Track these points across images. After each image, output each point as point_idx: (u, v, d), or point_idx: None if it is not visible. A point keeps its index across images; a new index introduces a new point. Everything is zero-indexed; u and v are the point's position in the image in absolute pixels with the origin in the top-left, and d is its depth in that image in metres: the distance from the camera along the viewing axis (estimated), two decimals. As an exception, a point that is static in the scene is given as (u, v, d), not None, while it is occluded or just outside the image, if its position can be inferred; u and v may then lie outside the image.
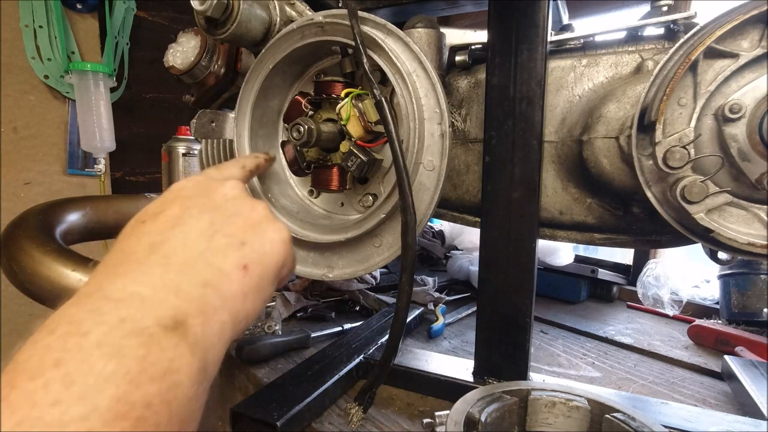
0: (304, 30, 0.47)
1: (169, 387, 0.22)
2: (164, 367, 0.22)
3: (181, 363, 0.23)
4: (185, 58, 0.60)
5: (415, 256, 0.41)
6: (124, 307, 0.24)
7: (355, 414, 0.58)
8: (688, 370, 0.86)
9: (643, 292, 1.14)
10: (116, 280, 0.26)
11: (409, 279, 0.42)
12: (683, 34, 0.50)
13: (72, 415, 0.19)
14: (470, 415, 0.48)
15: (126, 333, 0.22)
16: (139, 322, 0.23)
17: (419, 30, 0.59)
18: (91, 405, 0.19)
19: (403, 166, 0.39)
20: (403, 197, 0.40)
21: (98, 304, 0.24)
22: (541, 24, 0.57)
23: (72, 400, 0.19)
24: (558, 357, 0.89)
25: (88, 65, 1.24)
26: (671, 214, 0.48)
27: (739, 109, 0.43)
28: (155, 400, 0.21)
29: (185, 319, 0.25)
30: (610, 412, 0.50)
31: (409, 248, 0.41)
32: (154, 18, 1.47)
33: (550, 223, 0.63)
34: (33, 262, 0.46)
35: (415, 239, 0.41)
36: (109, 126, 1.31)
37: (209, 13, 0.46)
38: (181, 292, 0.26)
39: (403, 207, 0.40)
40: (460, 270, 1.33)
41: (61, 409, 0.19)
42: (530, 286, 0.61)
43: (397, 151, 0.39)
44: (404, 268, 0.41)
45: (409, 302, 0.43)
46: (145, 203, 0.71)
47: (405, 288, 0.42)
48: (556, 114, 0.60)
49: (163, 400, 0.21)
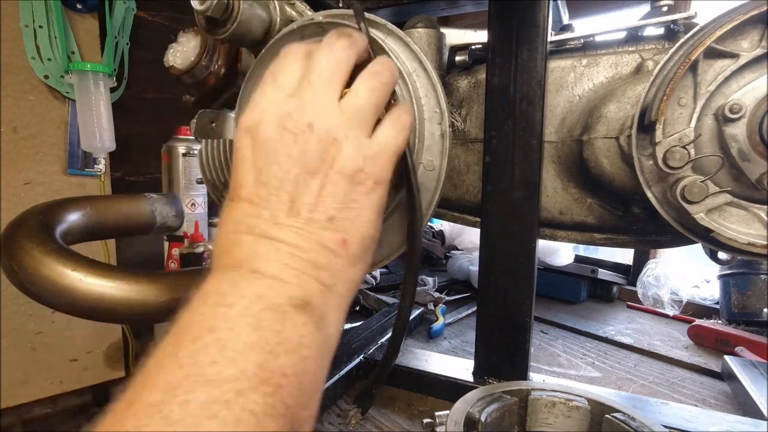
0: (304, 30, 0.47)
1: (300, 359, 0.25)
2: (296, 342, 0.25)
3: (310, 339, 0.26)
4: (185, 58, 0.60)
5: (421, 257, 0.41)
6: (258, 283, 0.27)
7: (353, 416, 0.58)
8: (688, 370, 0.86)
9: (643, 292, 1.14)
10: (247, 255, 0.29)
11: (413, 279, 0.41)
12: (683, 34, 0.50)
13: (226, 375, 0.22)
14: (470, 415, 0.48)
15: (263, 307, 0.25)
16: (273, 299, 0.26)
17: (419, 30, 0.59)
18: (240, 368, 0.22)
19: (411, 167, 0.39)
20: (410, 197, 0.40)
21: (236, 279, 0.27)
22: (542, 24, 0.57)
23: (225, 362, 0.22)
24: (558, 357, 0.89)
25: (88, 65, 1.24)
26: (671, 214, 0.48)
27: (739, 109, 0.43)
28: (289, 371, 0.24)
29: (310, 299, 0.28)
30: (610, 412, 0.50)
31: (416, 248, 0.41)
32: (154, 18, 1.47)
33: (551, 223, 0.63)
34: (33, 261, 0.46)
35: (422, 239, 0.41)
36: (109, 126, 1.30)
37: (209, 13, 0.46)
38: (302, 276, 0.28)
39: (410, 206, 0.40)
40: (460, 270, 1.33)
41: (217, 369, 0.22)
42: (530, 286, 0.61)
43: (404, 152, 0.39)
44: (409, 268, 0.41)
45: (412, 302, 0.43)
46: (145, 203, 0.72)
47: (409, 288, 0.41)
48: (556, 114, 0.60)
49: (294, 372, 0.24)
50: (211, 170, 0.71)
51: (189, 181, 1.26)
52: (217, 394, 0.21)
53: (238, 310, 0.25)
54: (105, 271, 0.49)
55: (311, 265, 0.29)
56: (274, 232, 0.29)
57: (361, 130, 0.32)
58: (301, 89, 0.32)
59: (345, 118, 0.32)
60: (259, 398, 0.22)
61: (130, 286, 0.48)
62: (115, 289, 0.47)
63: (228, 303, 0.25)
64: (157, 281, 0.51)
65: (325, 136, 0.31)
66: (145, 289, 0.49)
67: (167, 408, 0.21)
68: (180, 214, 0.74)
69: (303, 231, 0.30)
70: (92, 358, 1.38)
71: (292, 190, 0.30)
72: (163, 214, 0.71)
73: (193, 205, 1.25)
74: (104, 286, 0.47)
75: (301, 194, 0.30)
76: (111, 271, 0.49)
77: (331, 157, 0.31)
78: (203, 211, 1.29)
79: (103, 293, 0.47)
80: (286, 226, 0.30)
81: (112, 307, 0.48)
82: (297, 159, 0.30)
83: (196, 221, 1.23)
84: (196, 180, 1.22)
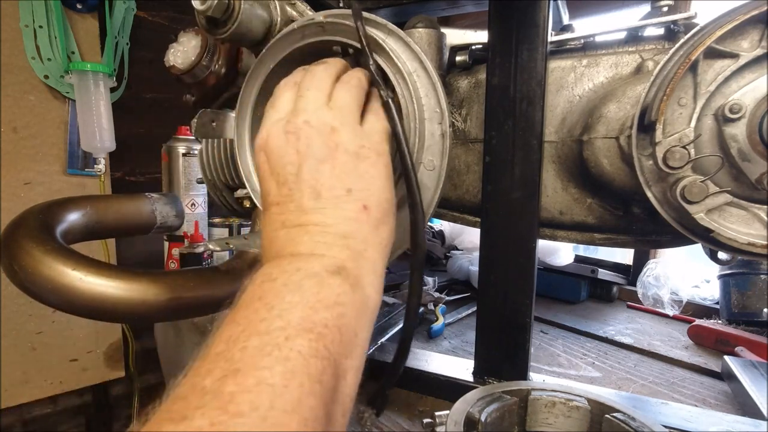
0: (305, 30, 0.47)
1: (339, 314, 0.29)
2: (333, 300, 0.29)
3: (346, 298, 0.30)
4: (186, 58, 0.60)
5: (425, 255, 0.42)
6: (296, 261, 0.32)
7: (368, 418, 0.59)
8: (688, 370, 0.86)
9: (643, 292, 1.14)
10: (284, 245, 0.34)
11: (419, 278, 0.42)
12: (683, 34, 0.50)
13: (274, 326, 0.26)
14: (470, 415, 0.48)
15: (302, 276, 0.30)
16: (311, 269, 0.31)
17: (420, 30, 0.59)
18: (286, 320, 0.27)
19: (411, 167, 0.40)
20: (412, 196, 0.40)
21: (278, 261, 0.32)
22: (542, 24, 0.57)
23: (273, 317, 0.27)
24: (558, 357, 0.89)
25: (88, 65, 1.24)
26: (671, 214, 0.48)
27: (739, 109, 0.43)
28: (330, 323, 0.28)
29: (344, 265, 0.32)
30: (610, 412, 0.50)
31: (419, 247, 0.41)
32: (154, 18, 1.47)
33: (551, 223, 0.63)
34: (33, 261, 0.46)
35: (425, 238, 0.41)
36: (109, 126, 1.30)
37: (210, 13, 0.46)
38: (332, 247, 0.33)
39: (411, 205, 0.40)
40: (460, 270, 1.33)
41: (267, 323, 0.27)
42: (530, 286, 0.61)
43: (404, 152, 0.39)
44: (414, 268, 0.41)
45: (419, 302, 0.43)
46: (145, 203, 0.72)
47: (415, 287, 0.42)
48: (556, 114, 0.60)
49: (334, 324, 0.28)
50: (212, 170, 0.71)
51: (189, 181, 1.26)
52: (268, 340, 0.25)
53: (281, 281, 0.30)
54: (105, 270, 0.49)
55: (339, 236, 0.33)
56: (303, 219, 0.34)
57: (352, 118, 0.38)
58: (295, 104, 0.38)
59: (336, 113, 0.37)
60: (304, 342, 0.26)
61: (131, 285, 0.48)
62: (116, 289, 0.47)
63: (272, 278, 0.30)
64: (157, 280, 0.51)
65: (323, 128, 0.36)
66: (146, 288, 0.49)
67: (229, 353, 0.25)
68: (180, 213, 0.74)
69: (327, 209, 0.34)
70: (92, 358, 1.38)
71: (309, 178, 0.35)
72: (164, 214, 0.71)
73: (193, 205, 1.25)
74: (104, 285, 0.47)
75: (318, 179, 0.35)
76: (111, 270, 0.49)
77: (333, 142, 0.36)
78: (203, 211, 1.29)
79: (104, 292, 0.47)
80: (312, 210, 0.34)
81: (112, 306, 0.48)
82: (305, 152, 0.35)
83: (196, 221, 1.23)
84: (196, 180, 1.22)
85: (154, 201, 0.70)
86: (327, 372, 0.26)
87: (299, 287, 0.29)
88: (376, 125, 0.39)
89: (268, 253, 0.35)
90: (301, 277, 0.30)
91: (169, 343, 1.07)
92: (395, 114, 0.40)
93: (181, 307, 0.52)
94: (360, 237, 0.34)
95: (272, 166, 0.36)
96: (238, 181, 0.69)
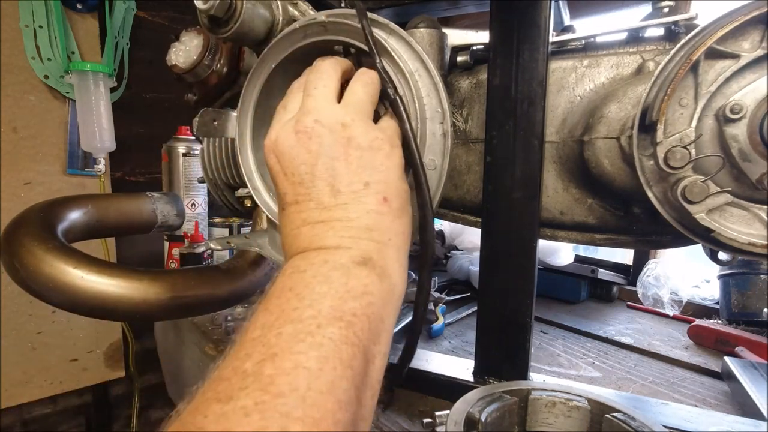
0: (307, 29, 0.47)
1: (367, 303, 0.30)
2: (361, 291, 0.30)
3: (373, 288, 0.31)
4: (188, 57, 0.60)
5: (434, 253, 0.42)
6: (323, 253, 0.33)
7: None
8: (688, 370, 0.86)
9: (643, 292, 1.14)
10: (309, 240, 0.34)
11: (428, 276, 0.42)
12: (684, 35, 0.50)
13: (307, 315, 0.28)
14: (470, 415, 0.48)
15: (330, 268, 0.31)
16: (338, 261, 0.32)
17: (421, 30, 0.60)
18: (317, 309, 0.28)
19: (420, 165, 0.40)
20: (421, 194, 0.40)
21: (305, 254, 0.33)
22: (543, 25, 0.57)
23: (304, 306, 0.28)
24: (558, 357, 0.89)
25: (88, 65, 1.24)
26: (672, 214, 0.48)
27: (739, 110, 0.43)
28: (358, 312, 0.29)
29: (370, 256, 0.33)
30: (610, 412, 0.50)
31: (428, 245, 0.41)
32: (154, 18, 1.47)
33: (551, 223, 0.63)
34: (35, 259, 0.46)
35: (434, 236, 0.42)
36: (109, 126, 1.30)
37: (212, 12, 0.46)
38: (358, 240, 0.33)
39: (421, 203, 0.40)
40: (460, 270, 1.33)
41: (299, 312, 0.28)
42: (530, 286, 0.61)
43: (413, 149, 0.40)
44: (423, 266, 0.41)
45: (428, 300, 0.43)
46: (146, 202, 0.72)
47: (425, 285, 0.42)
48: (557, 114, 0.60)
49: (363, 313, 0.29)
50: (213, 169, 0.71)
51: (189, 181, 1.26)
52: (301, 327, 0.27)
53: (311, 273, 0.31)
54: (106, 268, 0.49)
55: (363, 229, 0.34)
56: (325, 216, 0.35)
57: (364, 114, 0.38)
58: (304, 103, 0.38)
59: (348, 110, 0.37)
60: (335, 330, 0.27)
61: (132, 283, 0.48)
62: (116, 287, 0.47)
63: (302, 270, 0.31)
64: (158, 279, 0.51)
65: (334, 125, 0.36)
66: (147, 286, 0.49)
67: (265, 339, 0.27)
68: (181, 213, 0.74)
69: (348, 204, 0.35)
70: (92, 358, 1.38)
71: (325, 176, 0.35)
72: (164, 213, 0.71)
73: (193, 205, 1.25)
74: (105, 283, 0.47)
75: (335, 176, 0.35)
76: (112, 268, 0.49)
77: (345, 138, 0.36)
78: (203, 211, 1.29)
79: (105, 291, 0.47)
80: (333, 206, 0.35)
81: (112, 304, 0.48)
82: (318, 151, 0.36)
83: (196, 221, 1.23)
84: (197, 179, 1.22)
85: (155, 200, 0.70)
86: (357, 357, 0.27)
87: (327, 279, 0.30)
88: (390, 124, 0.40)
89: (292, 249, 0.35)
90: (329, 269, 0.31)
91: (169, 343, 1.07)
92: (404, 112, 0.40)
93: (181, 305, 0.52)
94: (383, 228, 0.35)
95: (284, 167, 0.36)
96: (239, 180, 0.69)
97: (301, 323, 0.27)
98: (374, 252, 0.33)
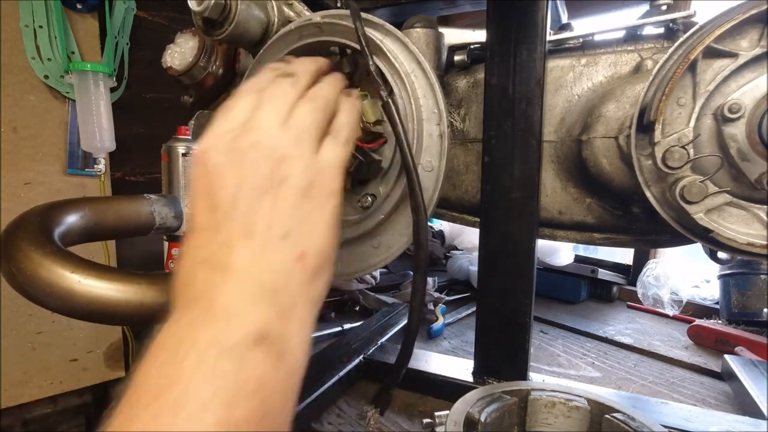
0: (302, 30, 0.47)
1: (262, 401, 0.25)
2: (254, 386, 0.25)
3: (270, 377, 0.26)
4: (183, 59, 0.60)
5: (428, 256, 0.42)
6: (212, 326, 0.26)
7: (372, 417, 0.59)
8: (688, 370, 0.86)
9: (643, 292, 1.14)
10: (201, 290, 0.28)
11: (423, 279, 0.42)
12: (682, 33, 0.49)
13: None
14: (470, 415, 0.48)
15: (218, 354, 0.25)
16: (228, 340, 0.26)
17: (418, 30, 0.59)
18: (199, 425, 0.23)
19: (413, 169, 0.39)
20: (414, 199, 0.40)
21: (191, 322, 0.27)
22: (540, 23, 0.57)
23: (184, 422, 0.23)
24: (558, 357, 0.89)
25: (88, 65, 1.24)
26: (670, 214, 0.48)
27: (738, 109, 0.43)
28: (251, 415, 0.24)
29: (267, 331, 0.27)
30: (610, 412, 0.50)
31: (422, 247, 0.41)
32: (154, 18, 1.47)
33: (550, 222, 0.63)
34: (32, 264, 0.45)
35: (428, 238, 0.41)
36: (109, 126, 1.30)
37: (207, 14, 0.46)
38: (257, 304, 0.28)
39: (414, 207, 0.40)
40: (459, 270, 1.33)
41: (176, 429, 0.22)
42: (530, 286, 0.61)
43: (406, 153, 0.39)
44: (417, 268, 0.41)
45: (423, 302, 0.43)
46: (144, 204, 0.71)
47: (419, 288, 0.41)
48: (555, 114, 0.60)
49: (257, 413, 0.25)
50: (210, 171, 0.71)
51: (189, 181, 1.25)
52: None
53: (192, 362, 0.25)
54: (104, 272, 0.48)
55: (267, 290, 0.28)
56: (228, 260, 0.29)
57: (308, 147, 0.33)
58: (251, 117, 0.33)
59: (291, 137, 0.33)
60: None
61: (129, 287, 0.48)
62: (114, 291, 0.47)
63: (179, 359, 0.25)
64: (156, 282, 0.51)
65: (272, 154, 0.31)
66: (144, 290, 0.49)
67: None
68: (179, 214, 0.74)
69: (258, 252, 0.29)
70: (92, 358, 1.38)
71: (245, 210, 0.30)
72: (162, 215, 0.71)
73: (192, 205, 1.25)
74: (103, 287, 0.47)
75: (256, 213, 0.30)
76: (110, 272, 0.49)
77: (281, 175, 0.31)
78: (203, 211, 1.29)
79: (102, 295, 0.47)
80: (241, 249, 0.29)
81: (111, 309, 0.47)
82: (246, 179, 0.30)
83: (196, 221, 1.23)
84: (195, 180, 1.22)
85: (152, 202, 0.70)
86: None
87: (214, 371, 0.24)
88: (332, 155, 0.35)
89: (184, 290, 0.30)
90: (217, 355, 0.25)
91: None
92: (396, 115, 0.40)
93: (179, 308, 0.52)
94: (290, 291, 0.30)
95: (208, 183, 0.31)
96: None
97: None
98: (274, 324, 0.28)
